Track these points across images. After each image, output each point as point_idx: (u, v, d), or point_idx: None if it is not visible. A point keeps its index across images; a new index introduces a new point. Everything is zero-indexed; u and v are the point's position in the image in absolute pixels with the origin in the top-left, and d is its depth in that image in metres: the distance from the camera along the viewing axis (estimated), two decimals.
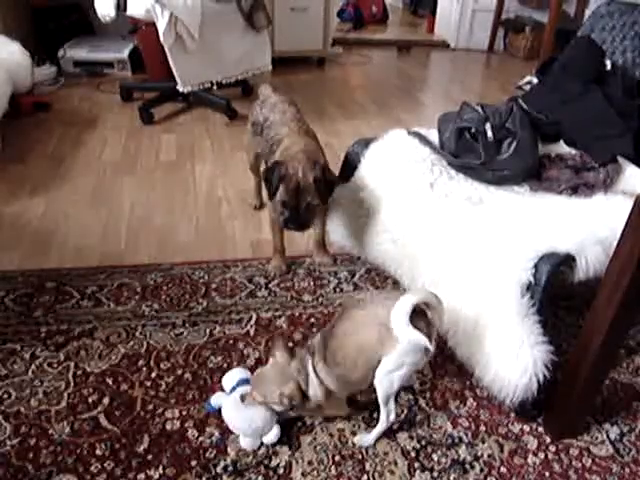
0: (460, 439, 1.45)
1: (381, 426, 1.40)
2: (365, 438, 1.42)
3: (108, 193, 2.59)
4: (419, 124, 2.17)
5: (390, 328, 1.24)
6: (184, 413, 1.47)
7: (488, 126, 1.83)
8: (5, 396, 1.52)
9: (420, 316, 1.25)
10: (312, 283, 2.00)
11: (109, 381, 1.57)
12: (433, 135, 2.06)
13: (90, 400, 1.51)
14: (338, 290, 1.97)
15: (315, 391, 1.35)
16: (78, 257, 2.11)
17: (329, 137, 2.99)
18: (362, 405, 1.52)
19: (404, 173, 1.87)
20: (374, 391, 1.37)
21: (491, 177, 1.83)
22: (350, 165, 2.05)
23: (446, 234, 1.67)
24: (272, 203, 1.83)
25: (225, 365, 1.63)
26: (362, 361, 1.32)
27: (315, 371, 1.35)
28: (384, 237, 1.85)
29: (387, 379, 1.32)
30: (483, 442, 1.44)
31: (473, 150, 1.85)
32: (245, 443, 1.40)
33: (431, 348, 1.27)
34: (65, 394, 1.53)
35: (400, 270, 1.82)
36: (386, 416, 1.39)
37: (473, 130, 1.86)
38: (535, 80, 3.51)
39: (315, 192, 1.73)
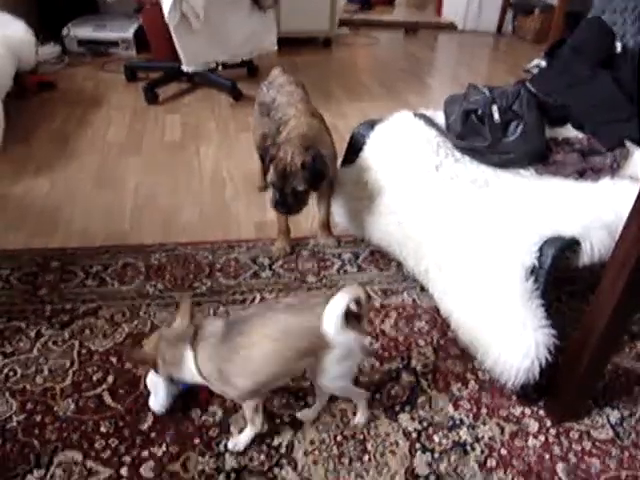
0: (461, 421, 1.46)
1: (362, 406, 1.42)
2: (357, 419, 1.43)
3: (113, 173, 2.59)
4: (425, 106, 2.15)
5: (321, 335, 1.17)
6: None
7: (495, 108, 1.82)
8: (11, 373, 1.53)
9: (350, 315, 1.20)
10: (316, 264, 2.01)
11: (113, 360, 1.58)
12: (439, 117, 2.05)
13: (94, 378, 1.52)
14: (342, 272, 1.98)
15: (192, 376, 1.28)
16: (83, 237, 2.12)
17: (335, 119, 2.97)
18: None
19: (409, 155, 1.86)
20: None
21: (497, 160, 1.82)
22: (355, 147, 2.04)
23: (451, 217, 1.67)
24: None
25: None
26: (272, 368, 1.23)
27: (196, 358, 1.25)
28: (389, 219, 1.85)
29: (336, 383, 1.30)
30: (484, 424, 1.45)
31: (479, 132, 1.84)
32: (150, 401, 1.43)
33: (363, 345, 1.26)
34: (70, 372, 1.54)
35: (404, 252, 1.82)
36: (360, 398, 1.41)
37: (479, 112, 1.84)
38: (543, 63, 3.48)
39: (302, 178, 1.72)
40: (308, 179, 1.73)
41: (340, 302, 1.17)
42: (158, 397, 1.42)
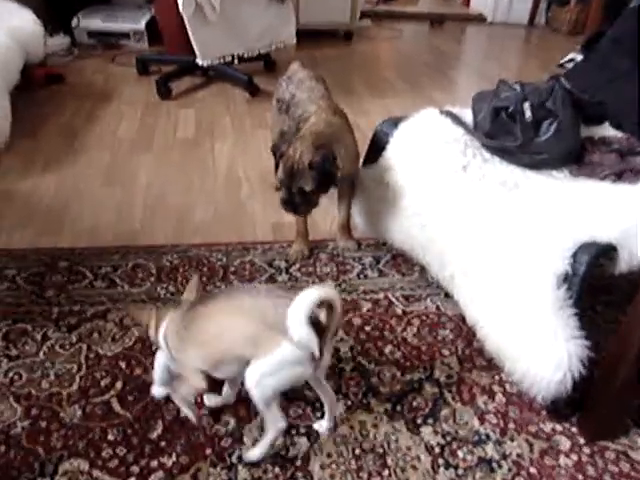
0: (487, 436, 1.45)
1: (268, 437, 1.33)
2: (251, 453, 1.35)
3: (123, 170, 2.62)
4: (452, 103, 2.15)
5: (271, 330, 1.17)
6: (199, 400, 1.49)
7: (527, 106, 1.81)
8: (16, 377, 1.56)
9: (314, 324, 1.17)
10: (335, 268, 2.02)
11: (122, 365, 1.60)
12: (467, 115, 2.04)
13: (102, 384, 1.55)
14: (362, 276, 1.98)
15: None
16: (91, 236, 2.15)
17: (356, 116, 2.97)
18: None
19: (435, 155, 1.86)
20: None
21: (528, 160, 1.82)
22: (378, 145, 2.04)
23: (478, 220, 1.67)
24: None
25: None
26: (221, 353, 1.27)
27: (166, 328, 1.34)
28: (412, 222, 1.85)
29: (262, 383, 1.23)
30: (512, 440, 1.44)
31: (510, 131, 1.84)
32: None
33: (316, 353, 1.18)
34: (77, 377, 1.57)
35: (428, 257, 1.82)
36: (272, 424, 1.31)
37: (510, 110, 1.84)
38: (579, 57, 3.47)
39: (309, 178, 1.73)
40: (316, 180, 1.74)
41: (312, 295, 1.14)
42: (155, 376, 1.45)
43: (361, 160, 2.05)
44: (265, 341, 1.19)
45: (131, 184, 2.51)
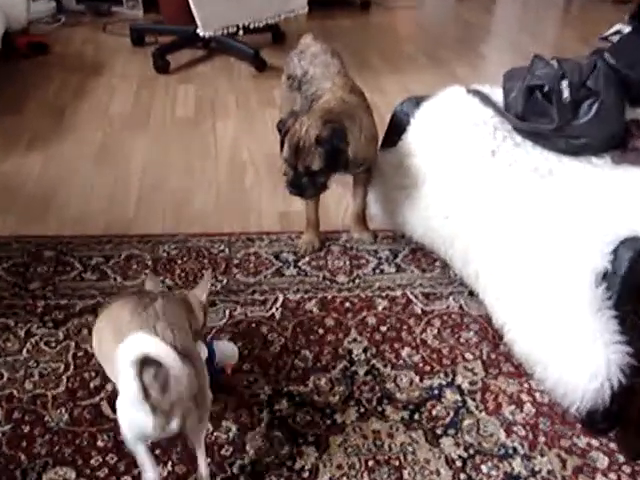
0: (515, 450, 1.45)
1: None
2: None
3: (116, 151, 2.64)
4: (480, 81, 2.15)
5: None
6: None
7: (565, 84, 1.80)
8: None
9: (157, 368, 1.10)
10: (348, 262, 2.02)
11: None
12: (497, 94, 2.03)
13: (92, 385, 1.55)
14: (378, 271, 1.99)
15: None
16: (81, 223, 2.16)
17: (373, 95, 2.95)
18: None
19: (461, 138, 1.86)
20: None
21: (565, 145, 1.81)
22: (397, 127, 2.04)
23: (508, 211, 1.66)
24: None
25: (246, 352, 1.67)
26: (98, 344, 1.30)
27: None
28: (434, 212, 1.85)
29: (119, 419, 1.19)
30: (542, 455, 1.44)
31: (545, 113, 1.83)
32: None
33: (152, 424, 1.12)
34: (64, 377, 1.58)
35: (451, 251, 1.82)
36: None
37: (546, 89, 1.83)
38: (627, 29, 3.43)
39: (316, 155, 1.73)
40: (323, 157, 1.74)
41: (138, 347, 1.07)
42: None
43: (379, 144, 2.05)
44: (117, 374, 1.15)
45: (124, 167, 2.52)
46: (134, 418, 1.14)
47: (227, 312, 1.79)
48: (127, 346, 1.07)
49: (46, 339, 1.69)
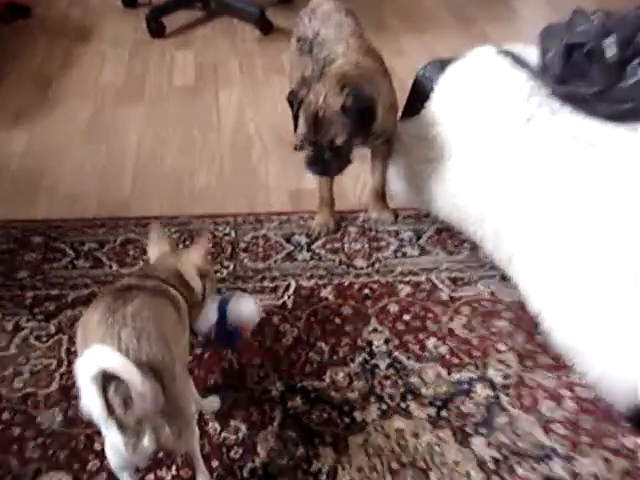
0: (554, 451, 1.45)
1: None
2: None
3: (108, 126, 2.64)
4: (512, 40, 2.12)
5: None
6: None
7: (609, 42, 1.78)
8: None
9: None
10: (367, 245, 2.03)
11: None
12: (531, 55, 2.01)
13: None
14: (400, 255, 1.99)
15: None
16: (71, 206, 2.18)
17: (391, 58, 2.91)
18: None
19: (491, 105, 1.85)
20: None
21: (609, 111, 1.79)
22: (419, 94, 2.03)
23: (544, 185, 1.65)
24: None
25: (256, 344, 1.68)
26: None
27: None
28: (462, 188, 1.85)
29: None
30: (584, 456, 1.44)
31: (586, 75, 1.81)
32: None
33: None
34: (56, 375, 1.60)
35: (481, 231, 1.82)
36: None
37: (587, 48, 1.81)
38: None
39: (340, 125, 1.73)
40: (349, 126, 1.74)
41: (91, 365, 1.06)
42: None
43: (399, 113, 2.04)
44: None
45: (118, 143, 2.52)
46: (107, 438, 1.17)
47: None
48: (85, 360, 1.08)
49: (36, 333, 1.71)
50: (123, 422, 1.10)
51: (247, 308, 1.55)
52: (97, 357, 1.07)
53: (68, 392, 1.55)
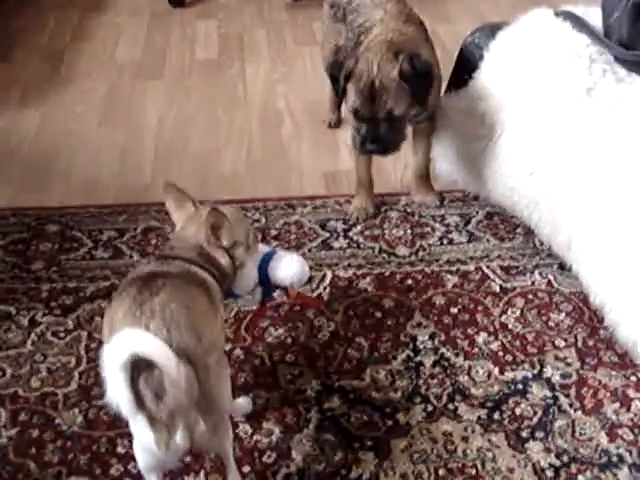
0: (620, 458, 1.44)
1: None
2: None
3: (126, 105, 2.68)
4: (571, 1, 2.10)
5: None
6: None
7: None
8: None
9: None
10: (409, 231, 2.03)
11: None
12: (594, 16, 1.99)
13: None
14: (446, 241, 2.00)
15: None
16: (88, 192, 2.21)
17: (434, 24, 2.92)
18: None
19: (548, 74, 1.83)
20: None
21: None
22: (467, 64, 2.03)
23: (608, 163, 1.64)
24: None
25: (289, 340, 1.70)
26: None
27: None
28: (515, 167, 1.84)
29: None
30: None
31: None
32: None
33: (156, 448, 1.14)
34: (76, 373, 1.63)
35: (536, 215, 1.82)
36: None
37: None
38: None
39: (399, 95, 1.73)
40: (409, 94, 1.74)
41: (126, 348, 1.07)
42: None
43: (444, 85, 2.05)
44: None
45: (137, 123, 2.56)
46: (136, 435, 1.18)
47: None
48: (113, 346, 1.08)
49: (53, 329, 1.74)
50: (154, 416, 1.11)
51: (289, 269, 1.54)
52: (128, 341, 1.08)
53: (88, 392, 1.58)
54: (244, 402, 1.53)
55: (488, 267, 1.90)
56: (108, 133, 2.51)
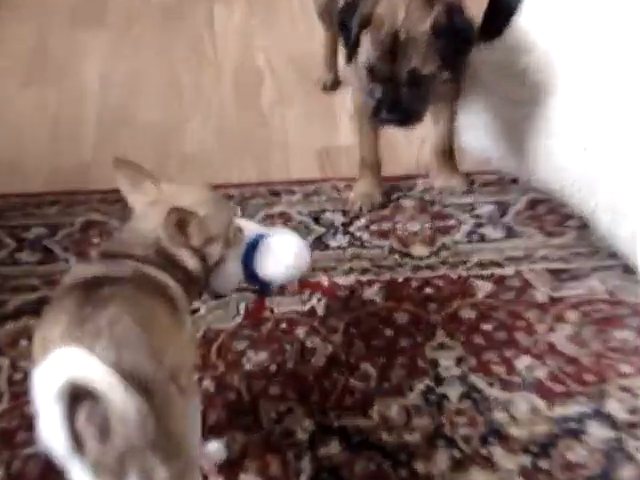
0: None
1: None
2: None
3: (58, 60, 2.67)
4: None
5: None
6: None
7: None
8: None
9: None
10: (428, 224, 2.04)
11: None
12: None
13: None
14: (475, 237, 2.00)
15: None
16: (9, 176, 2.21)
17: None
18: None
19: (609, 18, 1.84)
20: None
21: None
22: (502, 9, 2.03)
23: None
24: (353, 72, 1.86)
25: (273, 367, 1.69)
26: None
27: None
28: (565, 141, 1.85)
29: None
30: None
31: None
32: None
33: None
34: None
35: (593, 202, 1.82)
36: None
37: None
38: None
39: (430, 52, 1.74)
40: (441, 53, 1.75)
41: (55, 379, 1.04)
42: None
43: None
44: None
45: (73, 84, 2.56)
46: None
47: (241, 307, 1.82)
48: (45, 369, 1.04)
49: None
50: (99, 461, 1.07)
51: (280, 265, 1.49)
52: (63, 362, 1.05)
53: (11, 438, 1.57)
54: (216, 448, 1.52)
55: (531, 271, 1.90)
56: (35, 98, 2.51)
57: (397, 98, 1.78)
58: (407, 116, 1.83)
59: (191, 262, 1.35)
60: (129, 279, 1.25)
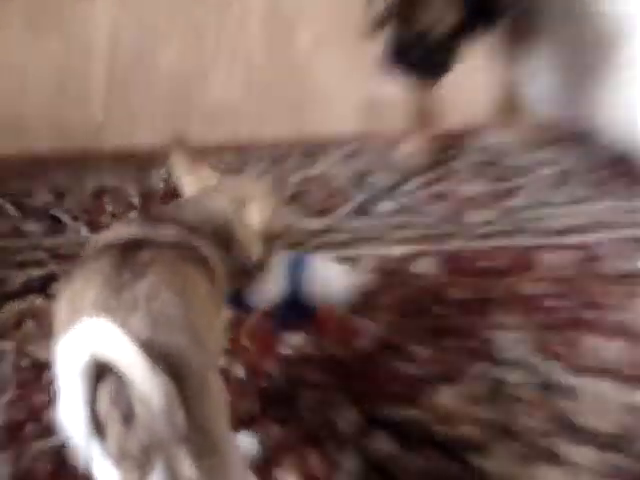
0: None
1: None
2: None
3: (64, 9, 2.69)
4: None
5: None
6: None
7: None
8: None
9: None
10: (488, 187, 2.05)
11: None
12: None
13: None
14: (543, 201, 2.00)
15: None
16: (12, 136, 2.23)
17: None
18: None
19: None
20: None
21: None
22: None
23: None
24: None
25: (311, 351, 1.70)
26: None
27: None
28: None
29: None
30: None
31: None
32: None
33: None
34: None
35: None
36: None
37: None
38: None
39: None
40: (469, 2, 1.77)
41: (78, 349, 1.04)
42: None
43: None
44: None
45: (81, 35, 2.58)
46: (97, 474, 1.12)
47: None
48: (71, 340, 1.03)
49: None
50: (122, 449, 1.06)
51: (337, 279, 1.54)
52: (91, 335, 1.03)
53: (18, 431, 1.59)
54: (247, 442, 1.52)
55: (610, 239, 1.90)
56: (39, 50, 2.53)
57: (411, 46, 1.83)
58: (425, 67, 1.89)
59: (257, 253, 1.39)
60: (169, 244, 1.27)
